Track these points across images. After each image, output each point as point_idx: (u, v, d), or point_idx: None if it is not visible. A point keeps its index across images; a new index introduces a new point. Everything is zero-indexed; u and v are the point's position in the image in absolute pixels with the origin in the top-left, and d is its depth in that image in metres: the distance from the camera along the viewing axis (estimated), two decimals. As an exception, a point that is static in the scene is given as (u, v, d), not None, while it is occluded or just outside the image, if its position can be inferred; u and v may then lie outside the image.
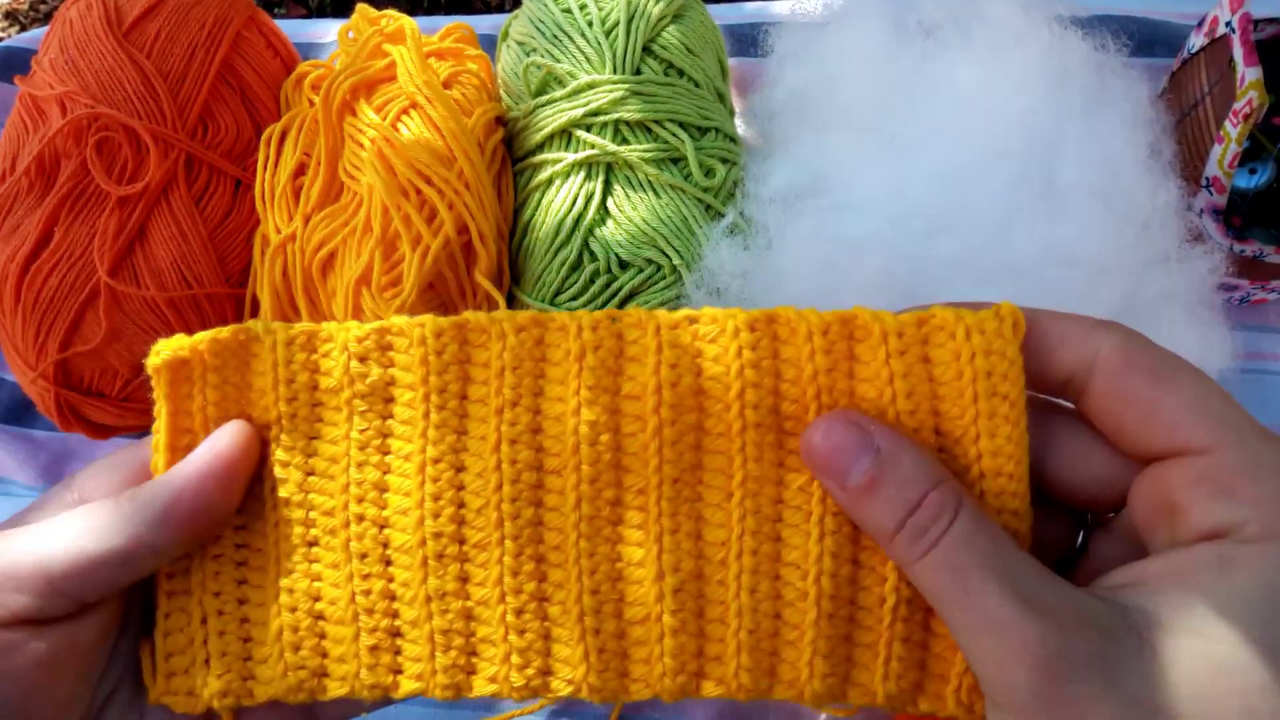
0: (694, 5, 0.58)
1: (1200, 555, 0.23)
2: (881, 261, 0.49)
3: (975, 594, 0.24)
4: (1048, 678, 0.22)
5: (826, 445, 0.27)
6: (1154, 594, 0.23)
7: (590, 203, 0.52)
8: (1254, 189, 0.57)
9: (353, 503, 0.31)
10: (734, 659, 0.29)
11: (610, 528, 0.30)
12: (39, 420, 0.61)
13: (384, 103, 0.53)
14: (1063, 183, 0.50)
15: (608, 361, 0.30)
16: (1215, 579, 0.23)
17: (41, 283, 0.51)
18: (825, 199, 0.53)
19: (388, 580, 0.31)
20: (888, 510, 0.26)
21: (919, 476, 0.26)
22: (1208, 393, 0.25)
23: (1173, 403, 0.25)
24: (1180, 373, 0.25)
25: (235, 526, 0.31)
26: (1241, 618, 0.22)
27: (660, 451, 0.29)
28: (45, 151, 0.52)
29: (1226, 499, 0.23)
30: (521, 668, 0.30)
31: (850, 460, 0.26)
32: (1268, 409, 0.59)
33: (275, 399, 0.31)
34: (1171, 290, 0.51)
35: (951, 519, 0.25)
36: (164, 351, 0.31)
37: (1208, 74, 0.55)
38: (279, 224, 0.52)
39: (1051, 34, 0.54)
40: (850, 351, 0.29)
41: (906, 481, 0.26)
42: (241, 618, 0.31)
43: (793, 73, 0.58)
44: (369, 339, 0.31)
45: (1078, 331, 0.27)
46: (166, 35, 0.54)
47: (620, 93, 0.53)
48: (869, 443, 0.26)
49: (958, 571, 0.24)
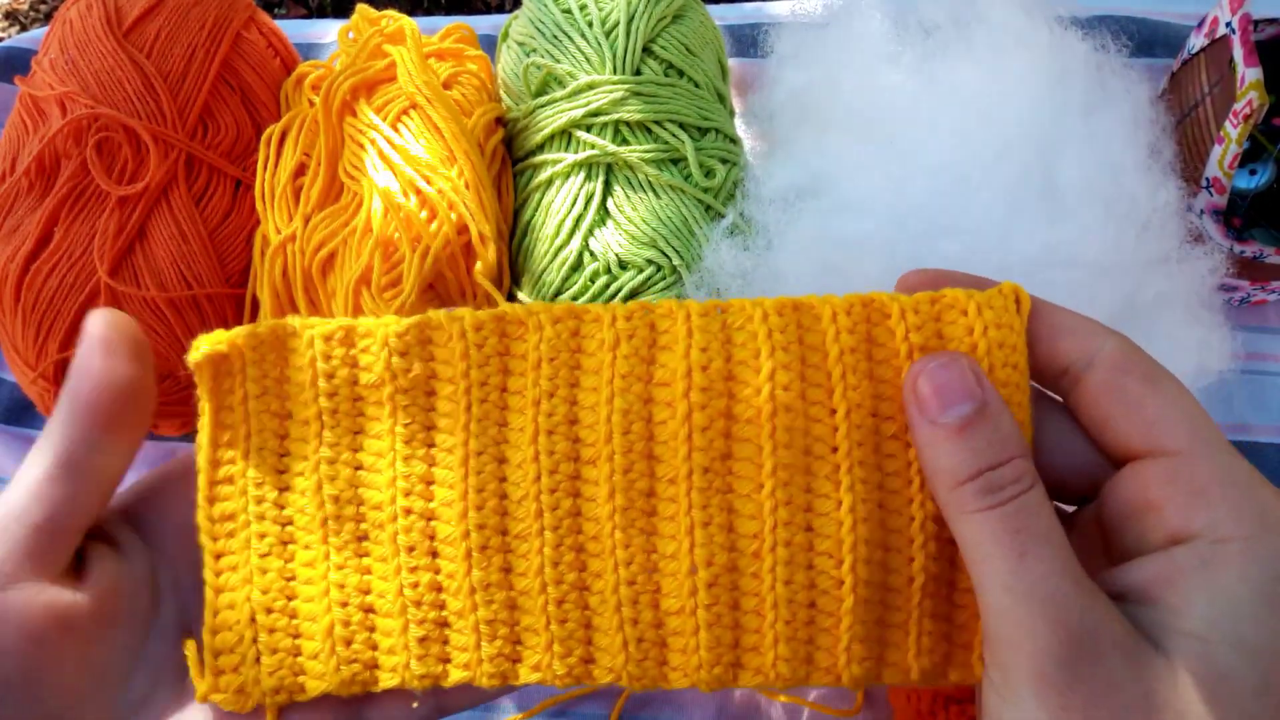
0: (694, 5, 0.58)
1: (1183, 558, 0.25)
2: (881, 262, 0.49)
3: (1030, 558, 0.25)
4: (1079, 653, 0.23)
5: (938, 377, 0.27)
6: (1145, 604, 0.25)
7: (590, 203, 0.52)
8: (1254, 190, 0.57)
9: (400, 496, 0.31)
10: (771, 649, 0.29)
11: (645, 518, 0.30)
12: (39, 420, 0.61)
13: (384, 103, 0.53)
14: (1063, 183, 0.50)
15: (641, 350, 0.30)
16: (1203, 581, 0.24)
17: (41, 283, 0.51)
18: (825, 199, 0.53)
19: (434, 572, 0.31)
20: (971, 456, 0.26)
21: (1012, 440, 0.27)
22: (1190, 403, 0.26)
23: (1158, 404, 0.26)
24: (1169, 381, 0.27)
25: (282, 524, 0.31)
26: (1231, 619, 0.23)
27: (690, 439, 0.29)
28: (45, 151, 0.52)
29: (1200, 499, 0.25)
30: (564, 656, 0.30)
31: (955, 398, 0.27)
32: (1268, 409, 0.59)
33: (315, 394, 0.31)
34: (1171, 291, 0.51)
35: (1028, 487, 0.26)
36: (204, 346, 0.31)
37: (1208, 74, 0.55)
38: (279, 224, 0.52)
39: (1051, 34, 0.54)
40: (869, 334, 0.30)
41: (1001, 439, 0.26)
42: (291, 613, 0.31)
43: (793, 73, 0.58)
44: (409, 334, 0.31)
45: (1083, 328, 0.28)
46: (166, 35, 0.54)
47: (620, 93, 0.53)
48: (978, 393, 0.27)
49: (1019, 533, 0.25)
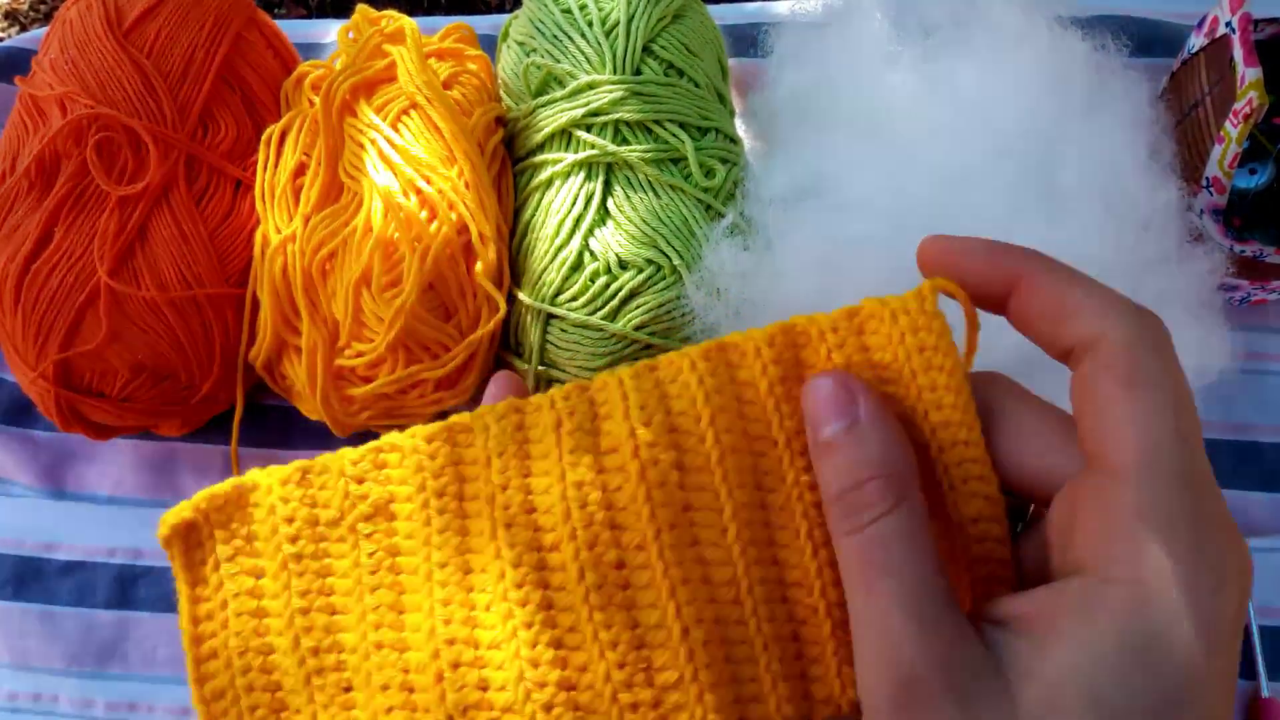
0: (694, 5, 0.58)
1: (1069, 596, 0.23)
2: (881, 262, 0.49)
3: (875, 592, 0.24)
4: (908, 697, 0.23)
5: (817, 395, 0.27)
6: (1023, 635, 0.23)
7: (590, 203, 0.52)
8: (1254, 189, 0.57)
9: (370, 631, 0.29)
10: (772, 694, 0.28)
11: (621, 592, 0.28)
12: (39, 420, 0.61)
13: (384, 103, 0.53)
14: (1062, 184, 0.50)
15: (584, 424, 0.29)
16: (1076, 623, 0.22)
17: (41, 283, 0.51)
18: (825, 199, 0.53)
19: (411, 709, 0.29)
20: (835, 476, 0.26)
21: (875, 460, 0.26)
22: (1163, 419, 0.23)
23: (1122, 412, 0.24)
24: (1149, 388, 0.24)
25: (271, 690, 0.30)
26: (1090, 670, 0.21)
27: (649, 497, 0.28)
28: (45, 152, 0.52)
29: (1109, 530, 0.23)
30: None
31: (831, 414, 0.27)
32: (1268, 409, 0.59)
33: (279, 542, 0.30)
34: (1172, 291, 0.51)
35: (884, 512, 0.25)
36: (169, 520, 0.30)
37: (1208, 74, 0.55)
38: (279, 224, 0.52)
39: (1051, 34, 0.54)
40: (798, 359, 0.30)
41: (863, 460, 0.26)
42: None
43: (793, 73, 0.58)
44: (364, 460, 0.30)
45: (1094, 308, 0.26)
46: (166, 35, 0.54)
47: (620, 93, 0.53)
48: (851, 410, 0.27)
49: (867, 565, 0.25)
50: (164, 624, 0.57)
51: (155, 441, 0.60)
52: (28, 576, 0.58)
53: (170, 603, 0.57)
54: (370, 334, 0.50)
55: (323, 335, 0.51)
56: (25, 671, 0.56)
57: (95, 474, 0.60)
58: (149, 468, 0.60)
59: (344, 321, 0.50)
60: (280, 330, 0.52)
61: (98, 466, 0.60)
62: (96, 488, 0.60)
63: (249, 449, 0.59)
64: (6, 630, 0.57)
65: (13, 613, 0.57)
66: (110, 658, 0.57)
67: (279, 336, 0.52)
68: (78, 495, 0.60)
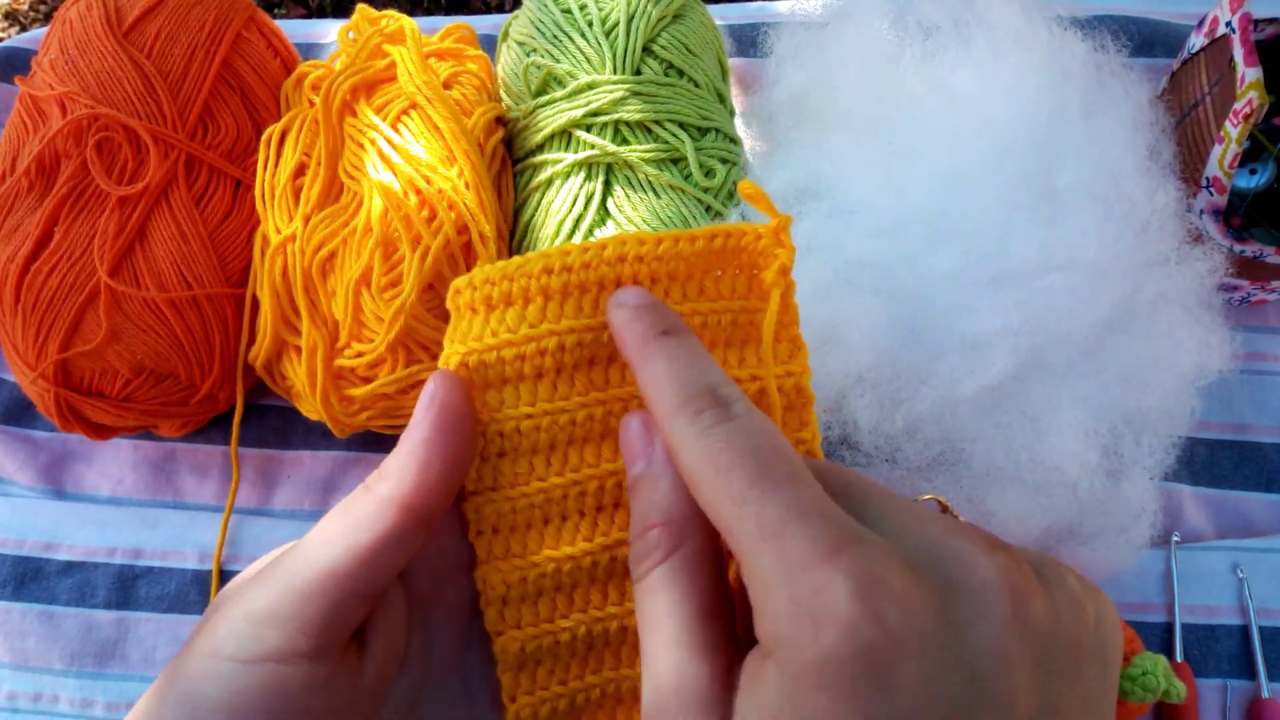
0: (694, 5, 0.58)
1: (748, 664, 0.22)
2: (881, 262, 0.49)
3: (647, 639, 0.25)
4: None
5: (626, 433, 0.28)
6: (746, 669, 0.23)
7: (590, 203, 0.52)
8: (1254, 189, 0.57)
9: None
10: None
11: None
12: (39, 420, 0.61)
13: (384, 103, 0.53)
14: (1062, 184, 0.50)
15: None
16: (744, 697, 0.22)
17: (41, 283, 0.51)
18: (825, 200, 0.53)
19: None
20: (633, 519, 0.26)
21: (657, 507, 0.26)
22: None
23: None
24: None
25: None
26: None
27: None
28: (45, 152, 0.52)
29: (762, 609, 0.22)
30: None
31: (632, 456, 0.27)
32: (1268, 409, 0.59)
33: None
34: (1171, 291, 0.51)
35: (659, 561, 0.25)
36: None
37: (1208, 74, 0.55)
38: (279, 224, 0.52)
39: (1051, 35, 0.54)
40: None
41: (649, 507, 0.26)
42: None
43: (793, 73, 0.59)
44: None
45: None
46: (166, 35, 0.55)
47: (620, 93, 0.53)
48: (647, 452, 0.27)
49: (640, 612, 0.25)
50: (164, 624, 0.57)
51: (155, 441, 0.60)
52: (28, 576, 0.58)
53: (170, 603, 0.57)
54: (370, 334, 0.50)
55: (323, 335, 0.51)
56: (25, 671, 0.56)
57: (95, 474, 0.60)
58: (149, 468, 0.60)
59: (344, 321, 0.50)
60: (280, 330, 0.52)
61: (97, 466, 0.60)
62: (96, 488, 0.60)
63: (249, 449, 0.59)
64: (6, 630, 0.57)
65: (13, 613, 0.57)
66: (110, 658, 0.57)
67: (279, 336, 0.52)
68: (77, 495, 0.60)
